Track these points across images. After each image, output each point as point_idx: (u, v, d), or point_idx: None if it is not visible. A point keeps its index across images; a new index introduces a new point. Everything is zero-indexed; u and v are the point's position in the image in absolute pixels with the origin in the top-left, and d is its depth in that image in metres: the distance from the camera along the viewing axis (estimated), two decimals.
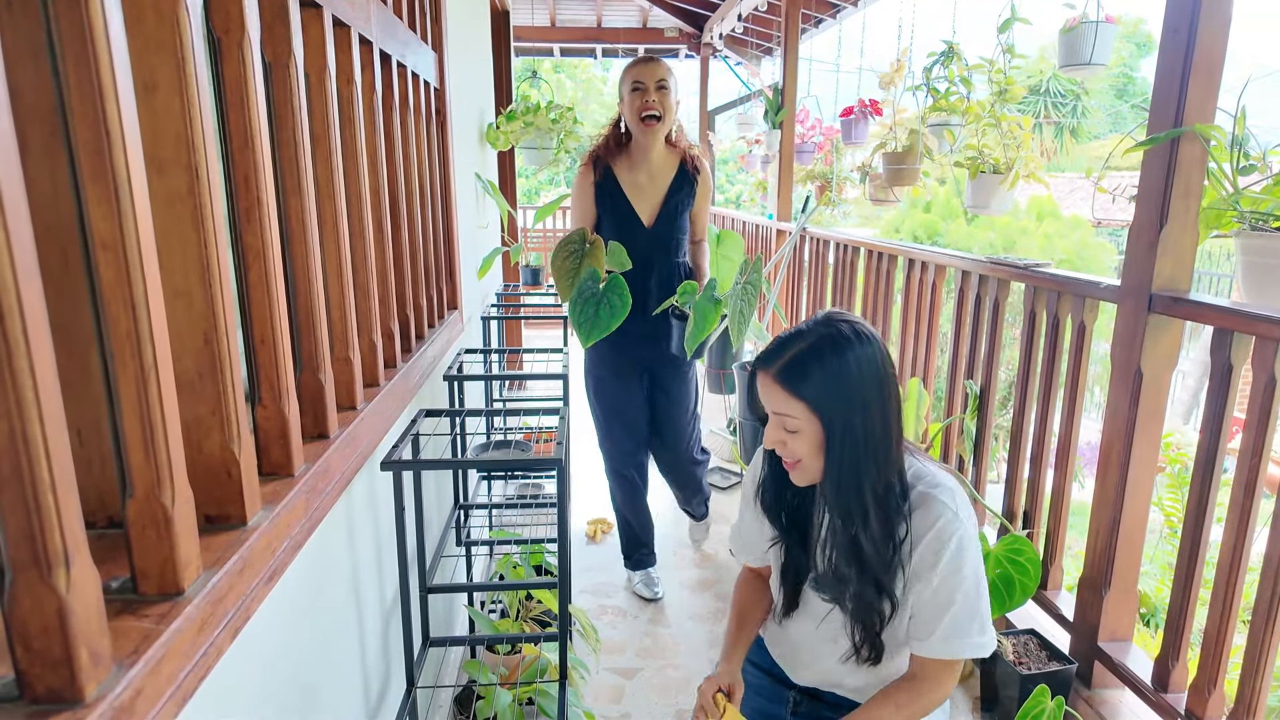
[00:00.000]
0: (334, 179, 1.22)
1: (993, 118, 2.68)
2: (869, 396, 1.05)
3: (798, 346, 1.07)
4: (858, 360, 1.05)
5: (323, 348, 1.12)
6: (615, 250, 2.08)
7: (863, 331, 1.08)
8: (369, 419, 1.29)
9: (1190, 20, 1.48)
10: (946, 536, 1.07)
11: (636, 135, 2.21)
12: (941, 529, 1.07)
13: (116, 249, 0.63)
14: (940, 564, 1.07)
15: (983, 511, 2.34)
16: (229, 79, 0.89)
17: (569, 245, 2.10)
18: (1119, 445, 1.70)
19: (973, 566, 1.09)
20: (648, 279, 2.32)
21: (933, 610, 1.09)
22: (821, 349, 1.06)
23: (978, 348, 2.31)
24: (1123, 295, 1.67)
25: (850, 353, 1.05)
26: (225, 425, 0.81)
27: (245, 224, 0.92)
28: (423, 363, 1.73)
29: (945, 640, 1.09)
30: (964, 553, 1.07)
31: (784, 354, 1.07)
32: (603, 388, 2.47)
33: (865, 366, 1.05)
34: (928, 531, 1.08)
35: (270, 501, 0.89)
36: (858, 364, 1.05)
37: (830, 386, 1.04)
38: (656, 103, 2.14)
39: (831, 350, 1.05)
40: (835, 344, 1.06)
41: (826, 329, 1.08)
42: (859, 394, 1.05)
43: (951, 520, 1.07)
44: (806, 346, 1.06)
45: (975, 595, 1.09)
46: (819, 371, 1.05)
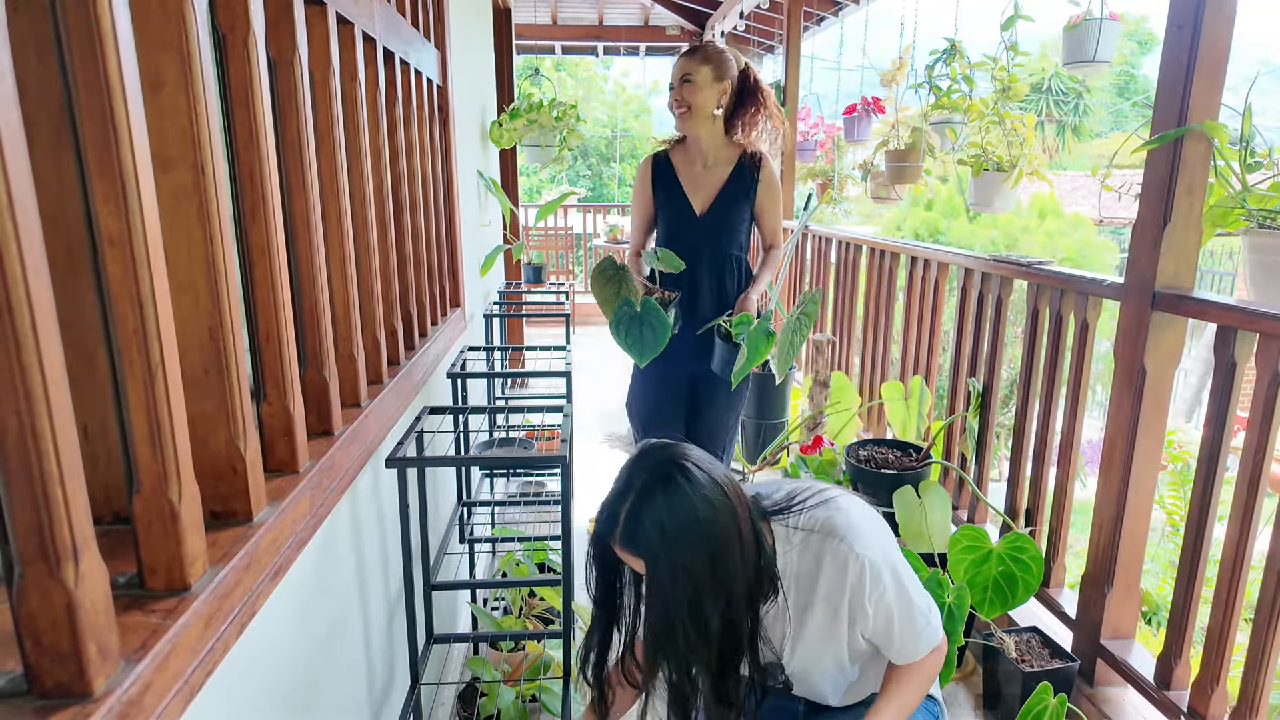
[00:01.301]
0: (338, 176, 1.22)
1: (996, 115, 2.68)
2: (695, 541, 1.00)
3: (625, 506, 1.02)
4: (683, 506, 1.00)
5: (327, 345, 1.12)
6: (666, 255, 2.09)
7: (685, 467, 1.02)
8: (373, 416, 1.29)
9: (1195, 16, 1.48)
10: (860, 578, 1.09)
11: (678, 127, 2.27)
12: (854, 574, 1.09)
13: (123, 245, 0.63)
14: (865, 603, 1.10)
15: (985, 509, 2.34)
16: (234, 76, 0.89)
17: (605, 273, 2.13)
18: (1122, 442, 1.70)
19: (893, 586, 1.11)
20: (697, 268, 2.28)
21: (881, 635, 1.14)
22: (640, 505, 1.01)
23: (980, 345, 2.31)
24: (1126, 293, 1.67)
25: (672, 499, 1.00)
26: (231, 421, 0.81)
27: (250, 221, 0.92)
28: (426, 360, 1.73)
29: (903, 647, 1.15)
30: (880, 582, 1.10)
31: (616, 521, 1.02)
32: (641, 391, 2.43)
33: (691, 510, 1.00)
34: (844, 580, 1.10)
35: (275, 498, 0.89)
36: (685, 510, 1.00)
37: (655, 541, 1.00)
38: (677, 97, 2.19)
39: (650, 503, 1.01)
40: (652, 495, 1.01)
41: (646, 477, 1.03)
42: (684, 543, 1.00)
43: (858, 562, 1.09)
44: (630, 506, 1.02)
45: (907, 604, 1.13)
46: (647, 527, 1.00)
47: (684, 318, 2.26)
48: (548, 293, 3.49)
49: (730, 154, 2.29)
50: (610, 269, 2.12)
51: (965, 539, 1.90)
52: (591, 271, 2.11)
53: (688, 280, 2.25)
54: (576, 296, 7.07)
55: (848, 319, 3.46)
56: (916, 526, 2.19)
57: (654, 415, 2.39)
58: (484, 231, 3.10)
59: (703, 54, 2.16)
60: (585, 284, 7.87)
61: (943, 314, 2.77)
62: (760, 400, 3.34)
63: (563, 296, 3.25)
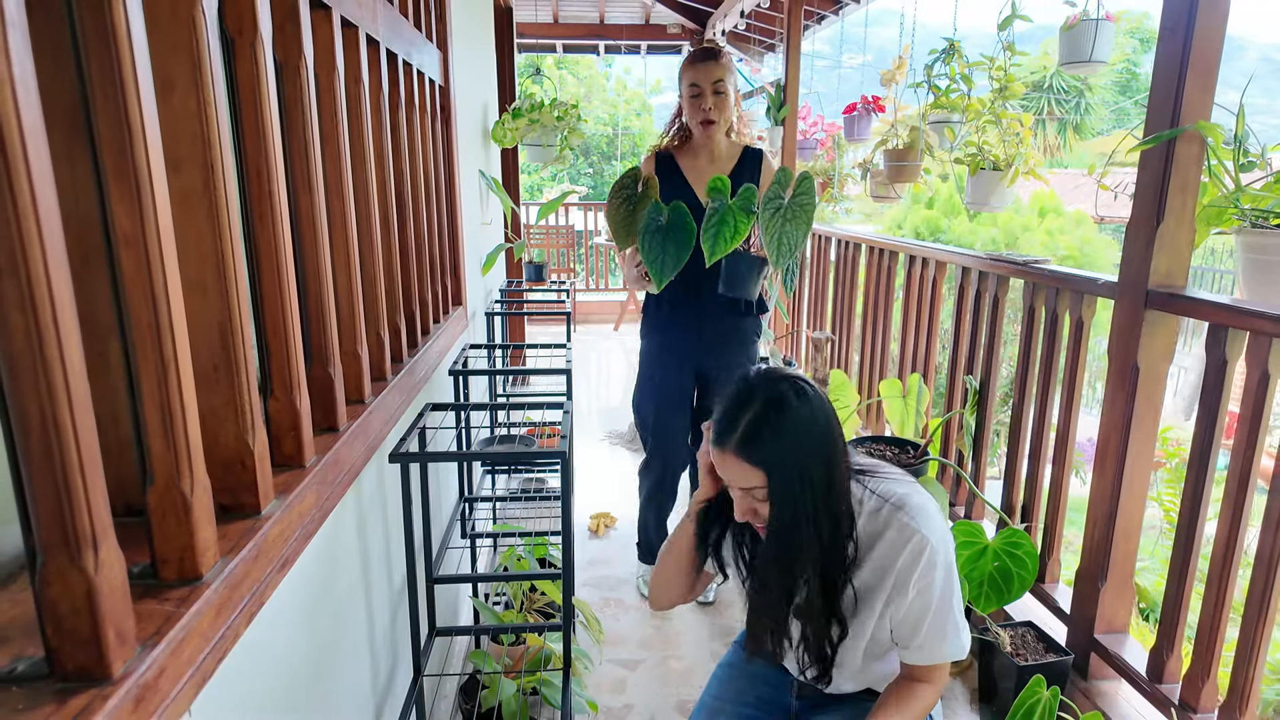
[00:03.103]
0: (342, 176, 1.24)
1: (993, 115, 2.70)
2: (815, 452, 1.07)
3: (747, 415, 1.07)
4: (804, 419, 1.06)
5: (332, 342, 1.14)
6: (676, 209, 1.92)
7: (802, 388, 1.09)
8: (377, 412, 1.32)
9: (1187, 19, 1.50)
10: (916, 556, 1.11)
11: (695, 132, 2.18)
12: (912, 549, 1.11)
13: (138, 244, 0.66)
14: (911, 582, 1.12)
15: (982, 506, 2.36)
16: (242, 79, 0.91)
17: (622, 191, 2.00)
18: (1116, 439, 1.72)
19: (943, 579, 1.13)
20: (701, 262, 2.16)
21: (910, 623, 1.16)
22: (767, 414, 1.07)
23: (978, 343, 2.33)
24: (1120, 291, 1.69)
25: (795, 412, 1.06)
26: (240, 417, 0.83)
27: (258, 220, 0.94)
28: (428, 357, 1.75)
29: (922, 648, 1.17)
30: (934, 570, 1.12)
31: (736, 427, 1.08)
32: (649, 389, 2.39)
33: (811, 424, 1.07)
34: (900, 553, 1.12)
35: (283, 492, 0.91)
36: (806, 422, 1.06)
37: (783, 450, 1.06)
38: (713, 108, 2.08)
39: (777, 413, 1.06)
40: (780, 407, 1.07)
41: (769, 391, 1.08)
42: (807, 452, 1.06)
43: (920, 541, 1.11)
44: (754, 415, 1.07)
45: (947, 605, 1.15)
46: (771, 438, 1.06)
47: (691, 313, 2.24)
48: (549, 290, 3.52)
49: (733, 151, 2.30)
50: (630, 186, 2.00)
51: (961, 534, 1.92)
52: (610, 191, 1.99)
53: (692, 274, 2.17)
54: (577, 295, 7.09)
55: (847, 317, 3.48)
56: None
57: (662, 414, 2.37)
58: (486, 230, 3.12)
59: (728, 61, 2.09)
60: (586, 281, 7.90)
61: (940, 312, 2.79)
62: None
63: (563, 295, 3.27)
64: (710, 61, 2.07)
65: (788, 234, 1.73)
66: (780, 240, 1.72)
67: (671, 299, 2.29)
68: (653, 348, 2.37)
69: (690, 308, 2.28)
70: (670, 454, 2.43)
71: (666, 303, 2.31)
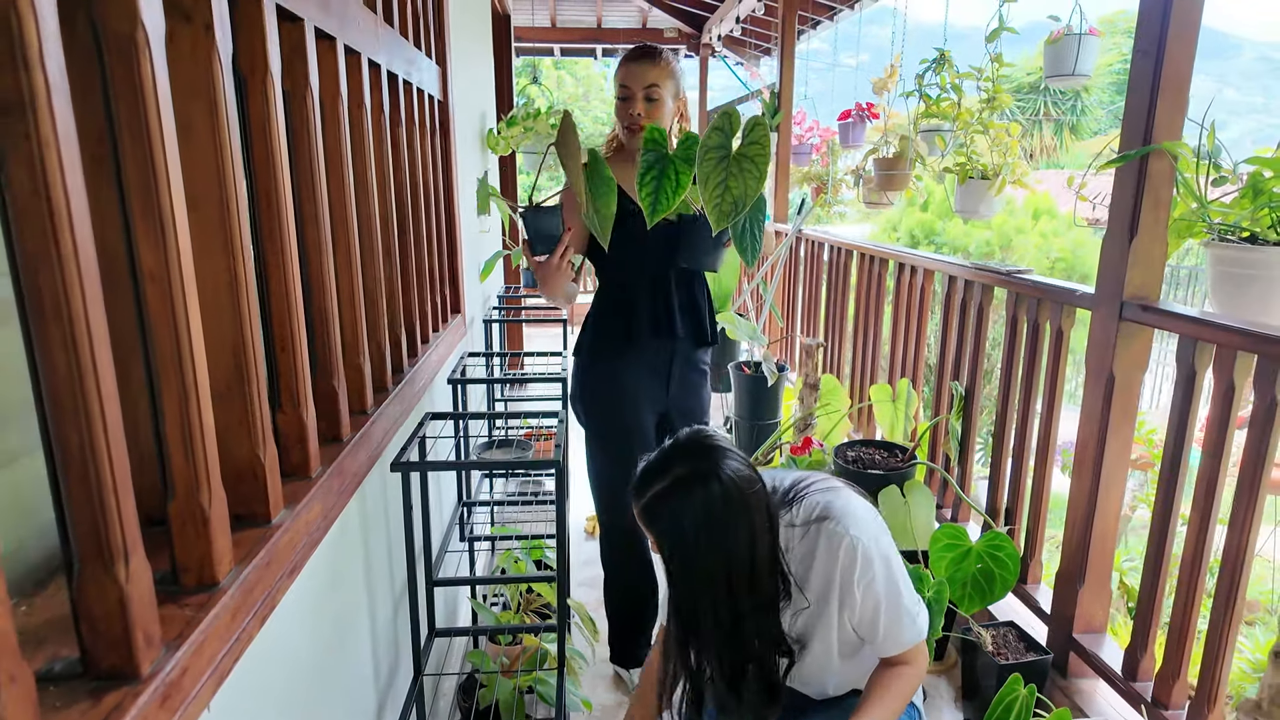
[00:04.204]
0: (346, 196, 1.29)
1: (981, 124, 2.76)
2: (714, 542, 1.06)
3: (656, 485, 1.08)
4: (707, 509, 1.06)
5: (336, 355, 1.20)
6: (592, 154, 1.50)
7: (719, 472, 1.07)
8: (379, 422, 1.37)
9: (1159, 44, 1.56)
10: (851, 558, 1.15)
11: (624, 138, 1.87)
12: (846, 553, 1.15)
13: (162, 280, 0.71)
14: (854, 584, 1.16)
15: (968, 509, 2.42)
16: (254, 114, 0.97)
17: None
18: (1093, 445, 1.78)
19: (883, 572, 1.17)
20: (660, 287, 1.85)
21: (868, 622, 1.20)
22: (672, 492, 1.07)
23: (964, 350, 2.39)
24: (1096, 303, 1.75)
25: (697, 500, 1.06)
26: (252, 432, 0.89)
27: (268, 242, 1.00)
28: (428, 367, 1.81)
29: (887, 640, 1.21)
30: (871, 565, 1.16)
31: (643, 493, 1.09)
32: (603, 452, 1.92)
33: (711, 515, 1.06)
34: (837, 560, 1.16)
35: (291, 501, 0.97)
36: (705, 513, 1.06)
37: (678, 534, 1.07)
38: (643, 115, 1.78)
39: (681, 496, 1.07)
40: (685, 488, 1.07)
41: (684, 466, 1.08)
42: (706, 541, 1.06)
43: (850, 544, 1.15)
44: (660, 489, 1.08)
45: (895, 594, 1.19)
46: (669, 518, 1.07)
47: (650, 345, 1.86)
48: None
49: None
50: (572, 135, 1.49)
51: (946, 537, 1.98)
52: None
53: (648, 301, 1.83)
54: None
55: (839, 321, 3.54)
56: (901, 525, 2.27)
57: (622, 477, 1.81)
58: (484, 238, 3.17)
59: (666, 64, 1.79)
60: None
61: (929, 318, 2.85)
62: (753, 401, 3.42)
63: None
64: (644, 62, 1.77)
65: (735, 187, 1.41)
66: (724, 195, 1.41)
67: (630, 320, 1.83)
68: (612, 394, 1.88)
69: (661, 335, 1.85)
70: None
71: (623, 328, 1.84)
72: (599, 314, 1.89)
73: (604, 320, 1.87)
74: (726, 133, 1.43)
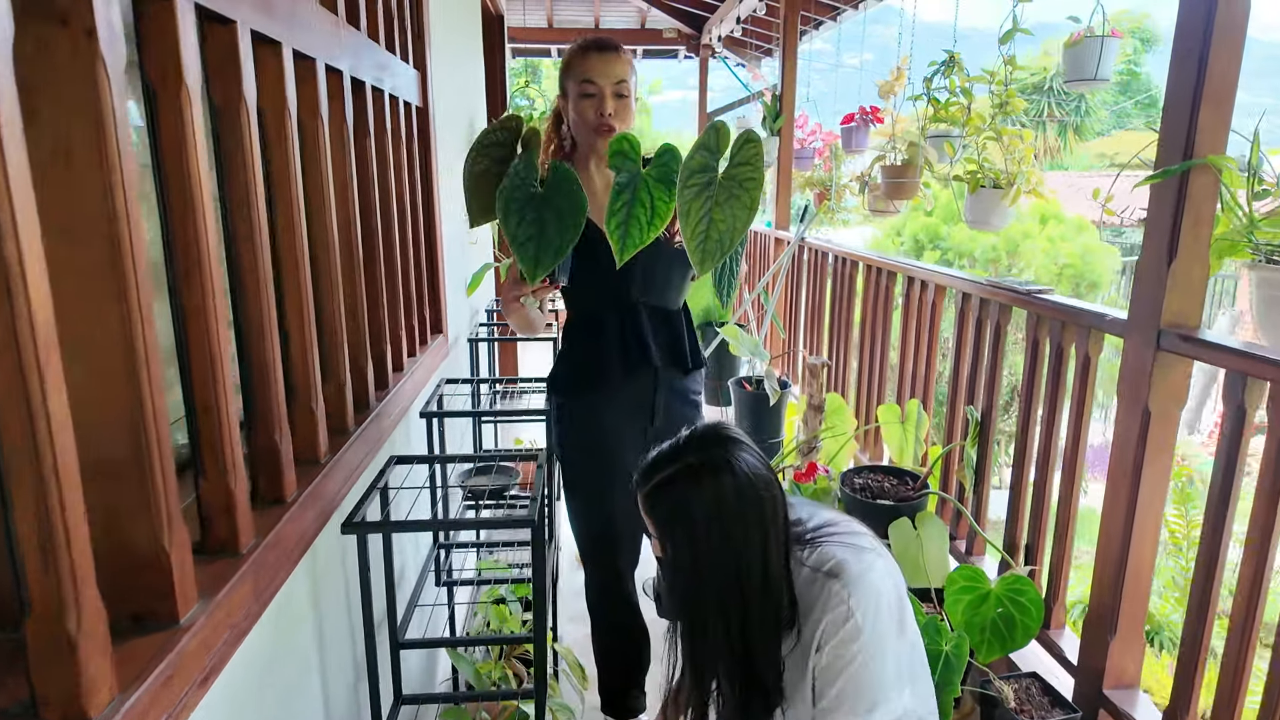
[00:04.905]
0: (295, 218, 1.15)
1: (993, 131, 2.61)
2: (719, 539, 1.03)
3: (663, 471, 1.06)
4: (716, 500, 1.03)
5: (278, 405, 1.05)
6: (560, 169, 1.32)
7: (732, 465, 1.04)
8: (335, 472, 1.23)
9: (1202, 45, 1.41)
10: (836, 627, 1.07)
11: (586, 143, 1.62)
12: (834, 618, 1.07)
13: (8, 352, 0.56)
14: (827, 648, 1.08)
15: (982, 542, 2.27)
16: (165, 133, 0.82)
17: (486, 144, 1.41)
18: (1125, 484, 1.63)
19: (860, 658, 1.07)
20: (624, 322, 1.62)
21: (821, 683, 1.10)
22: (675, 480, 1.04)
23: (979, 372, 2.24)
24: (1129, 329, 1.60)
25: (707, 490, 1.03)
26: (153, 514, 0.74)
27: (184, 285, 0.85)
28: (400, 399, 1.66)
29: (825, 711, 1.10)
30: (851, 644, 1.07)
31: (649, 478, 1.07)
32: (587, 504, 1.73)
33: (721, 509, 1.03)
34: (824, 618, 1.08)
35: (209, 590, 0.82)
36: (715, 505, 1.03)
37: (679, 526, 1.04)
38: (615, 114, 1.56)
39: (688, 484, 1.04)
40: (695, 478, 1.03)
41: (695, 455, 1.05)
42: (711, 536, 1.03)
43: (843, 614, 1.07)
44: (667, 475, 1.05)
45: (859, 683, 1.08)
46: (672, 507, 1.05)
47: (625, 379, 1.63)
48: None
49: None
50: (503, 137, 1.41)
51: (962, 579, 1.83)
52: (471, 145, 1.42)
53: (617, 330, 1.62)
54: None
55: (844, 336, 3.39)
56: (913, 560, 2.12)
57: (602, 526, 1.74)
58: (471, 249, 3.03)
59: (630, 58, 1.62)
60: None
61: (940, 335, 2.70)
62: (755, 419, 3.28)
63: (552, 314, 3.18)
64: (610, 54, 1.57)
65: (721, 220, 1.18)
66: (709, 230, 1.17)
67: (600, 353, 1.62)
68: (586, 435, 1.69)
69: (635, 367, 1.63)
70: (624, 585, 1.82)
71: (594, 362, 1.63)
72: (569, 346, 1.69)
73: (573, 353, 1.67)
74: (713, 150, 1.21)
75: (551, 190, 1.31)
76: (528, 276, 1.31)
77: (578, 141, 1.66)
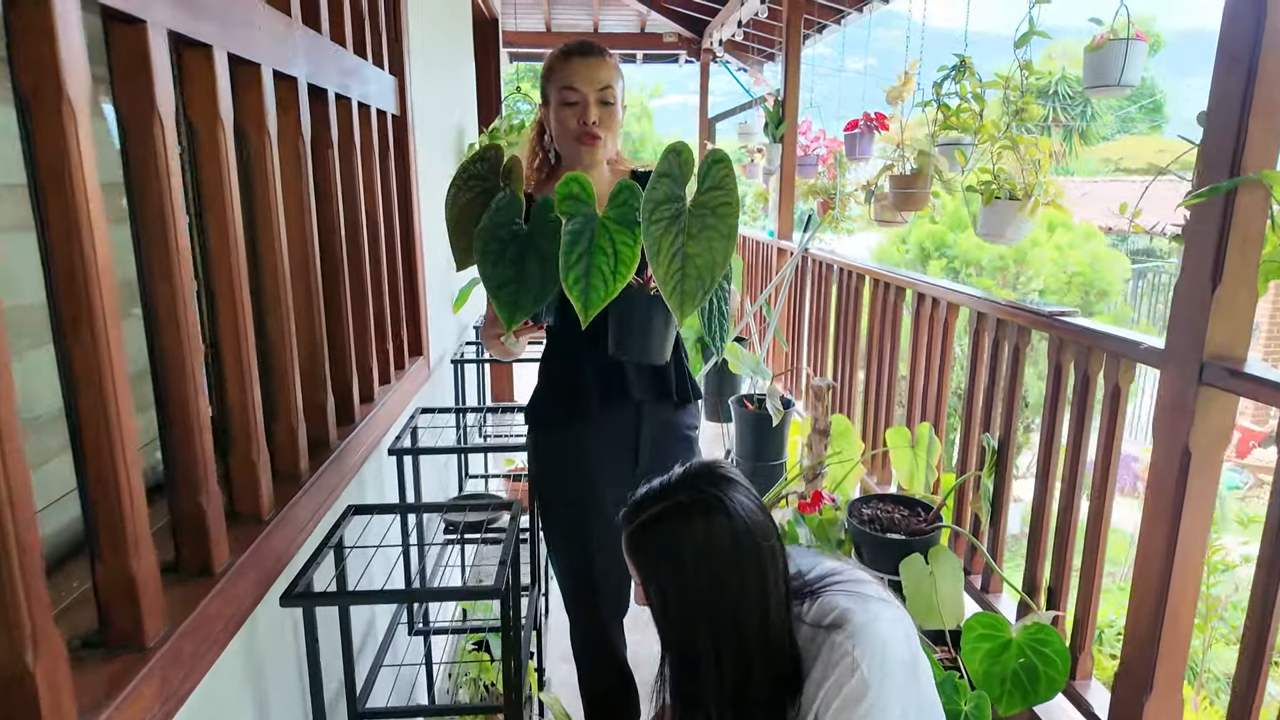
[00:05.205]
0: (231, 245, 1.01)
1: (1009, 139, 2.47)
2: (707, 587, 0.95)
3: (650, 510, 0.98)
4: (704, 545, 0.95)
5: (203, 461, 0.91)
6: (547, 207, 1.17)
7: (724, 506, 0.95)
8: (282, 529, 1.08)
9: (1252, 48, 1.27)
10: (839, 683, 0.97)
11: (569, 154, 1.48)
12: (839, 673, 0.97)
13: None
14: (830, 712, 0.97)
15: (999, 579, 2.13)
16: (41, 154, 0.68)
17: (467, 176, 1.27)
18: (1162, 528, 1.48)
19: (872, 717, 0.96)
20: (602, 350, 1.36)
21: None
22: (661, 519, 0.97)
23: (995, 397, 2.10)
24: (1167, 360, 1.46)
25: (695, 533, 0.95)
26: (14, 629, 0.60)
27: (71, 338, 0.71)
28: (369, 433, 1.52)
29: None
30: (857, 706, 0.96)
31: (634, 517, 0.99)
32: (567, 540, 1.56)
33: (709, 554, 0.95)
34: (829, 674, 0.98)
35: (98, 703, 0.68)
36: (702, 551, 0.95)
37: (663, 571, 0.97)
38: (599, 122, 1.41)
39: (675, 524, 0.96)
40: (683, 518, 0.96)
41: (685, 493, 0.97)
42: (697, 583, 0.95)
43: (847, 663, 0.97)
44: (653, 514, 0.97)
45: None
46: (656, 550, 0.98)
47: (604, 413, 1.47)
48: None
49: (618, 179, 1.38)
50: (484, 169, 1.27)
51: (981, 626, 1.69)
52: (453, 179, 1.30)
53: (594, 359, 1.43)
54: None
55: (850, 354, 3.24)
56: (926, 598, 1.98)
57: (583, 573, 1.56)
58: None
59: (616, 62, 1.48)
60: None
61: (953, 354, 2.56)
62: (756, 440, 3.13)
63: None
64: (594, 58, 1.45)
65: (697, 255, 1.03)
66: (684, 270, 1.03)
67: (576, 384, 1.46)
68: (561, 474, 1.52)
69: (615, 401, 1.47)
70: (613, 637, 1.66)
71: (570, 394, 1.48)
72: (546, 375, 1.53)
73: (550, 383, 1.52)
74: (676, 177, 1.07)
75: (535, 229, 1.18)
76: (504, 323, 1.19)
77: (561, 154, 1.52)
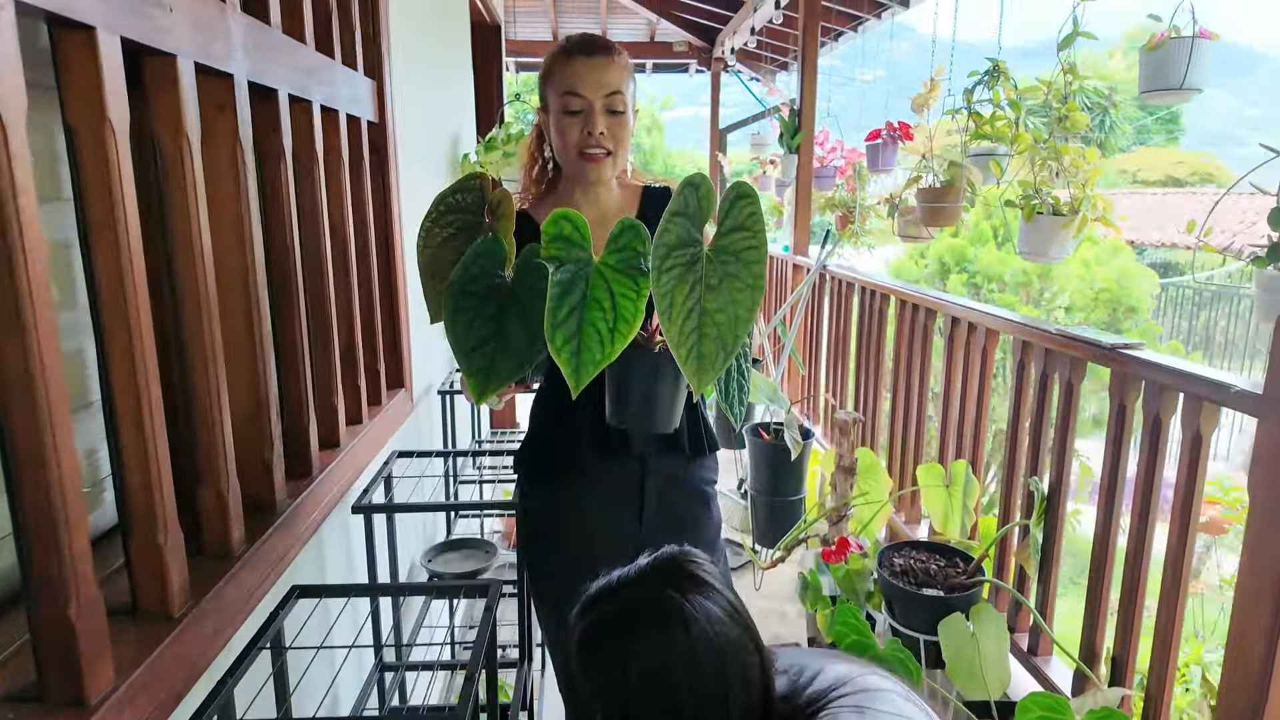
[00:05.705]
0: (129, 280, 0.80)
1: (1051, 150, 2.25)
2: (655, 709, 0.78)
3: (594, 613, 0.82)
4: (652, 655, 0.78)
5: (70, 560, 0.70)
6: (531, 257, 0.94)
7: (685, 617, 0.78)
8: (198, 626, 0.87)
9: None
10: None
11: (571, 171, 1.26)
12: None
13: None
14: None
15: (1048, 641, 1.89)
16: None
17: (443, 210, 1.03)
18: (1267, 605, 1.25)
19: None
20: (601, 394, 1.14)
21: None
22: (607, 632, 0.81)
23: (1044, 436, 1.87)
24: (1265, 406, 1.23)
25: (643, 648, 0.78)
26: None
27: None
28: (326, 489, 1.31)
29: None
30: None
31: (578, 620, 0.83)
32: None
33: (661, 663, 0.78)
34: None
35: None
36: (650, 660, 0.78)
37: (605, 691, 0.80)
38: (607, 134, 1.20)
39: (619, 639, 0.80)
40: (629, 632, 0.79)
41: (639, 595, 0.81)
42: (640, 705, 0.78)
43: None
44: (592, 620, 0.82)
45: None
46: (597, 667, 0.81)
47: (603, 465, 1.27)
48: None
49: (629, 199, 1.32)
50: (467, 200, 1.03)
51: (1039, 707, 1.47)
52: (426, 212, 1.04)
53: (591, 404, 1.17)
54: None
55: (874, 374, 3.01)
56: (968, 664, 1.76)
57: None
58: None
59: (626, 61, 1.24)
60: None
61: (991, 383, 2.33)
62: (773, 474, 2.90)
63: None
64: (600, 57, 1.20)
65: (717, 310, 0.88)
66: (701, 329, 0.87)
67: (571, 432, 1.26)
68: (550, 531, 1.32)
69: (615, 453, 1.27)
70: None
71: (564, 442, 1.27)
72: (539, 419, 1.32)
73: (543, 428, 1.31)
74: (693, 217, 0.87)
75: (520, 280, 0.95)
76: (473, 394, 0.95)
77: (562, 168, 1.29)
